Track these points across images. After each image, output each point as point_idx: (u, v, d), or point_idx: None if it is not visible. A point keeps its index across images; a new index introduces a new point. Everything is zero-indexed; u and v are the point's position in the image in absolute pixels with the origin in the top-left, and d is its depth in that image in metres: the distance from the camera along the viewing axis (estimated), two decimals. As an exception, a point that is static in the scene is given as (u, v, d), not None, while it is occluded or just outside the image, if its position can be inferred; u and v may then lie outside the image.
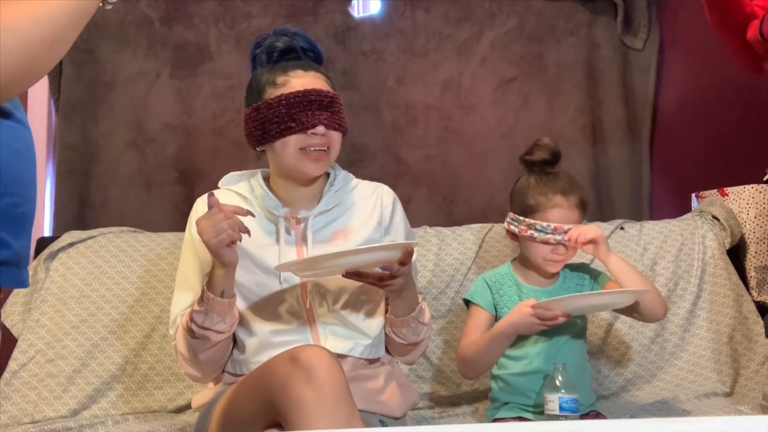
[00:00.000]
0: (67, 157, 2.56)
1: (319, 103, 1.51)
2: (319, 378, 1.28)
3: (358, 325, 1.57)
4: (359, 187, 1.68)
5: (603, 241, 1.69)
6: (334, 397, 1.28)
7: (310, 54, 1.60)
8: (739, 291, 2.17)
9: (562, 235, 1.68)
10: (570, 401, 1.55)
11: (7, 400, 1.97)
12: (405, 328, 1.59)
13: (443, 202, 2.69)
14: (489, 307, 1.77)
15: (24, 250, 1.09)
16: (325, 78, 1.58)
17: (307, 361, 1.29)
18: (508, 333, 1.67)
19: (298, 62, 1.57)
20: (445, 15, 2.75)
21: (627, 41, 2.75)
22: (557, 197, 1.71)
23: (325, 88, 1.54)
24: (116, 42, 2.63)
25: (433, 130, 2.72)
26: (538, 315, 1.60)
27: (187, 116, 2.63)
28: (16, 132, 1.07)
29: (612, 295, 1.70)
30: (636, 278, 1.70)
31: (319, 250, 1.54)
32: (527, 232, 1.71)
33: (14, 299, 2.12)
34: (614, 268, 1.70)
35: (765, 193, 2.24)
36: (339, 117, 1.54)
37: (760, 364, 2.06)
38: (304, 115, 1.49)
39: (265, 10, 2.69)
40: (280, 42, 1.58)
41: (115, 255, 2.17)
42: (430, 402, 2.08)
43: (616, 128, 2.73)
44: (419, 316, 1.59)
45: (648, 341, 2.11)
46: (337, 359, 1.34)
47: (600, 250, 1.70)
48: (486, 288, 1.79)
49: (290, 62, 1.57)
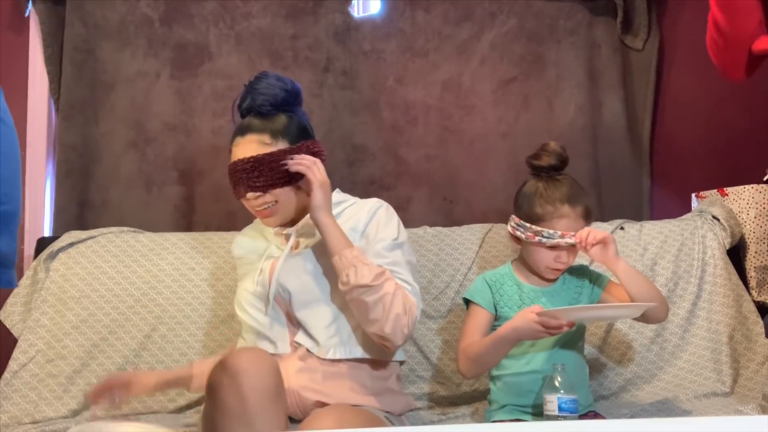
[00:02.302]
0: (67, 157, 2.56)
1: (243, 172, 1.64)
2: (244, 384, 1.31)
3: (322, 329, 1.64)
4: (353, 206, 1.77)
5: (612, 243, 1.68)
6: (259, 402, 1.31)
7: (265, 108, 1.71)
8: (739, 291, 2.17)
9: (572, 238, 1.68)
10: (569, 402, 1.55)
11: (8, 400, 1.97)
12: (341, 273, 1.59)
13: (443, 202, 2.69)
14: (489, 306, 1.77)
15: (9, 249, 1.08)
16: (261, 134, 1.68)
17: (233, 368, 1.34)
18: (511, 338, 1.66)
19: (243, 126, 1.72)
20: (445, 15, 2.74)
21: (627, 41, 2.75)
22: (564, 207, 1.71)
23: (254, 150, 1.66)
24: (116, 42, 2.62)
25: (433, 130, 2.72)
26: (543, 323, 1.60)
27: (187, 116, 2.63)
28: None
29: (620, 308, 1.69)
30: (644, 286, 1.70)
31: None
32: (534, 238, 1.71)
33: (14, 299, 2.12)
34: (622, 273, 1.69)
35: (765, 193, 2.24)
36: (264, 178, 1.64)
37: (760, 364, 2.06)
38: (236, 188, 1.69)
39: (265, 10, 2.68)
40: (245, 102, 1.74)
41: (115, 255, 2.17)
42: (430, 402, 2.08)
43: (616, 128, 2.73)
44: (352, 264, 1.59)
45: (648, 341, 2.11)
46: (271, 363, 1.39)
47: (608, 252, 1.68)
48: (486, 287, 1.79)
49: (243, 122, 1.73)
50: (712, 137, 2.55)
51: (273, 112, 1.71)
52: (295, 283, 1.67)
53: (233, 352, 1.42)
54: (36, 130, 2.59)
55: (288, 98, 1.73)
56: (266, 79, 1.72)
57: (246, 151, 1.67)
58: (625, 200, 2.70)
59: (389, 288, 1.58)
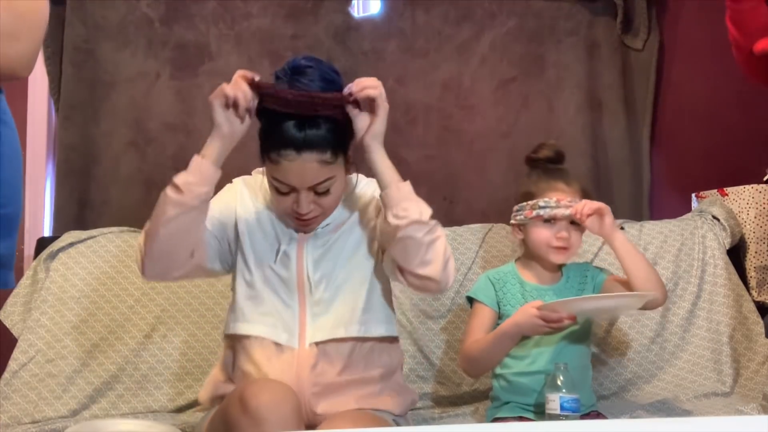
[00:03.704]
0: (67, 157, 2.56)
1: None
2: (268, 426, 1.27)
3: (343, 313, 1.56)
4: (360, 186, 1.67)
5: (609, 214, 1.69)
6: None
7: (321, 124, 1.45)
8: (739, 291, 2.17)
9: (569, 209, 1.68)
10: (571, 401, 1.55)
11: (7, 400, 1.97)
12: (395, 206, 1.47)
13: (443, 202, 2.69)
14: (492, 304, 1.77)
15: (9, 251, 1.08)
16: (321, 154, 1.45)
17: (256, 411, 1.29)
18: (513, 333, 1.66)
19: (296, 140, 1.44)
20: (445, 15, 2.74)
21: (627, 41, 2.75)
22: (559, 183, 1.73)
23: (315, 171, 1.46)
24: (116, 42, 2.62)
25: (433, 130, 2.72)
26: (543, 317, 1.60)
27: (187, 116, 2.63)
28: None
29: (620, 298, 1.68)
30: (641, 262, 1.70)
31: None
32: (532, 213, 1.71)
33: (14, 299, 2.12)
34: (619, 245, 1.69)
35: (765, 193, 2.24)
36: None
37: (760, 364, 2.06)
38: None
39: (265, 10, 2.68)
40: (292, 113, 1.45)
41: (115, 255, 2.17)
42: (431, 402, 2.08)
43: (616, 128, 2.73)
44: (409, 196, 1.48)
45: (648, 341, 2.11)
46: (294, 404, 1.34)
47: (605, 223, 1.68)
48: (489, 285, 1.79)
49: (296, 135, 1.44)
50: (712, 137, 2.55)
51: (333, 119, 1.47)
52: (326, 268, 1.56)
53: (254, 386, 1.34)
54: (36, 130, 2.59)
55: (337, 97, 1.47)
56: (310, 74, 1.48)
57: (302, 171, 1.46)
58: (625, 200, 2.70)
59: (441, 231, 1.49)
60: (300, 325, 1.55)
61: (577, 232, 1.74)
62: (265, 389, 1.34)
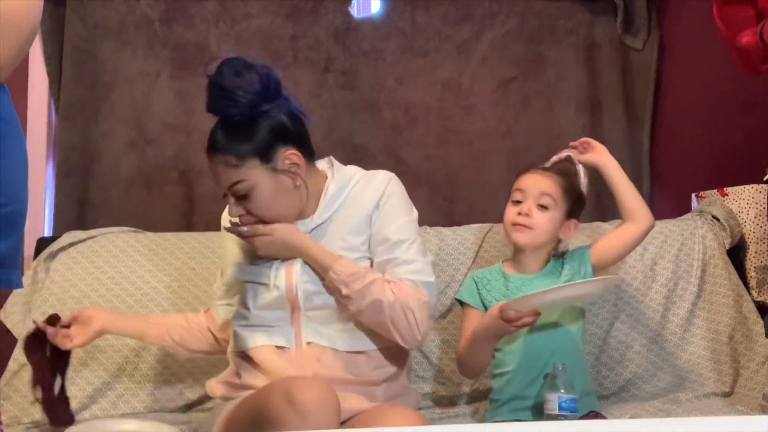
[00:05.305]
0: (67, 158, 2.56)
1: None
2: (313, 423, 1.27)
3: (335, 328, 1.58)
4: (358, 184, 1.68)
5: (597, 144, 1.80)
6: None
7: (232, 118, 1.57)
8: (739, 291, 2.17)
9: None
10: (569, 401, 1.55)
11: (7, 400, 1.97)
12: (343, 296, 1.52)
13: (443, 202, 2.69)
14: (477, 304, 1.77)
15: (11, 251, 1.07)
16: (224, 156, 1.54)
17: (302, 405, 1.28)
18: (486, 336, 1.67)
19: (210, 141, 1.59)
20: (445, 15, 2.75)
21: (627, 41, 2.75)
22: (538, 170, 1.79)
23: (222, 173, 1.55)
24: (116, 42, 2.62)
25: (433, 130, 2.72)
26: (503, 318, 1.59)
27: (187, 116, 2.63)
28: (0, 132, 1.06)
29: (578, 286, 1.64)
30: (630, 192, 1.78)
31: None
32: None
33: (14, 299, 2.12)
34: (612, 173, 1.78)
35: (765, 193, 2.24)
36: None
37: (760, 364, 2.06)
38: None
39: (265, 10, 2.68)
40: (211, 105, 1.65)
41: (115, 255, 2.17)
42: (430, 402, 2.08)
43: (616, 128, 2.73)
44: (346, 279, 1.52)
45: (648, 341, 2.11)
46: (333, 394, 1.34)
47: (596, 148, 1.80)
48: (473, 285, 1.80)
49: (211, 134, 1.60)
50: (712, 137, 2.55)
51: (242, 121, 1.54)
52: (315, 286, 1.58)
53: (300, 381, 1.34)
54: (36, 130, 2.59)
55: (256, 100, 1.54)
56: (229, 74, 1.58)
57: (216, 174, 1.56)
58: (625, 200, 2.70)
59: (377, 293, 1.51)
60: (296, 335, 1.58)
61: (543, 215, 1.73)
62: (313, 386, 1.33)
